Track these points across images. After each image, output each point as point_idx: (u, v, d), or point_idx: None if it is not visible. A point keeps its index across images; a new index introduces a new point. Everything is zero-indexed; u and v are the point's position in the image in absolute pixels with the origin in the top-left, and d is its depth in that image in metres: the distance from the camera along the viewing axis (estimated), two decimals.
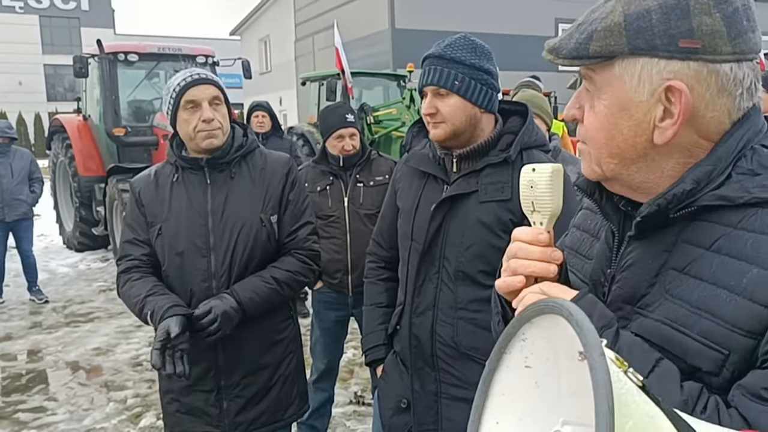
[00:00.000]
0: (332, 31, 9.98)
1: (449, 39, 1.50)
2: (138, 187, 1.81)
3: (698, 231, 0.72)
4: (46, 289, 6.21)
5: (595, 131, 0.76)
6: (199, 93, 1.70)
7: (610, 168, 0.77)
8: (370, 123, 9.57)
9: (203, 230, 1.73)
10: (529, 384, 0.57)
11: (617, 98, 0.73)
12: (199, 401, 1.78)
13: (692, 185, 0.71)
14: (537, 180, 0.80)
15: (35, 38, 33.65)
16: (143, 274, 1.75)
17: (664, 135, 0.72)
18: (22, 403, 3.78)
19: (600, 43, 0.72)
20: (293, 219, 1.83)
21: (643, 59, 0.70)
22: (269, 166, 1.82)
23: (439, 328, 1.53)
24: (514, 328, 0.58)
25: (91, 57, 7.18)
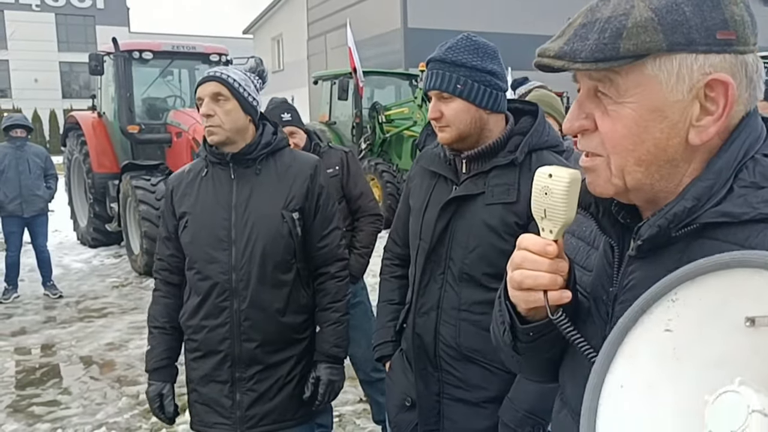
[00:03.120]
0: (344, 29, 10.00)
1: (451, 41, 1.49)
2: (171, 182, 1.89)
3: (704, 249, 0.66)
4: (60, 284, 6.29)
5: (620, 138, 0.69)
6: (203, 90, 1.76)
7: (636, 178, 0.70)
8: (381, 122, 9.59)
9: (225, 224, 1.77)
10: (666, 349, 0.52)
11: (649, 99, 0.67)
12: (214, 392, 1.82)
13: (693, 202, 0.67)
14: (552, 187, 0.74)
15: (51, 36, 34.05)
16: (165, 294, 1.91)
17: (704, 133, 0.67)
18: (37, 397, 3.83)
19: (633, 41, 0.65)
20: (323, 224, 1.87)
21: (681, 55, 0.65)
22: (296, 166, 1.85)
23: (442, 329, 1.53)
24: (665, 288, 0.53)
25: (106, 55, 7.26)
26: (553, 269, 0.74)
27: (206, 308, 1.79)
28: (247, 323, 1.77)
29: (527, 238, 0.77)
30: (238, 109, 1.77)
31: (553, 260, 0.75)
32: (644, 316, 0.54)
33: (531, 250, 0.76)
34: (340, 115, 10.53)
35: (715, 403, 0.47)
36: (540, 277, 0.74)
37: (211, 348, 1.80)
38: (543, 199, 0.75)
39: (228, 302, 1.77)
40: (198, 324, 1.81)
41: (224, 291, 1.77)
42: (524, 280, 0.75)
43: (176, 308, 1.88)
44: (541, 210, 0.76)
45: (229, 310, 1.77)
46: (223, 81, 1.75)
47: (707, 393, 0.48)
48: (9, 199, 5.70)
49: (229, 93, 1.75)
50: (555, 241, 0.76)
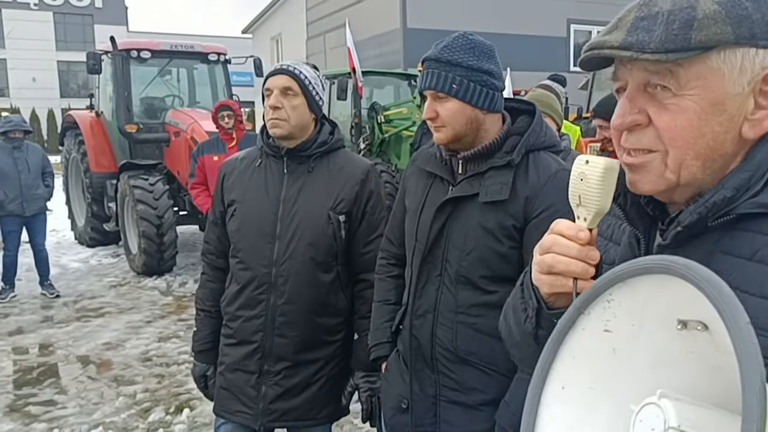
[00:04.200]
0: (344, 29, 9.99)
1: (447, 39, 1.47)
2: (225, 169, 1.92)
3: (737, 240, 0.67)
4: (58, 283, 6.27)
5: (681, 130, 0.69)
6: (274, 82, 1.78)
7: (692, 172, 0.70)
8: (380, 122, 9.57)
9: (272, 218, 1.79)
10: (606, 349, 0.52)
11: (711, 92, 0.68)
12: (240, 380, 1.83)
13: (732, 192, 0.68)
14: (588, 173, 0.74)
15: (49, 35, 33.98)
16: (211, 278, 1.96)
17: (759, 127, 0.68)
18: (33, 396, 3.82)
19: (705, 32, 0.66)
20: (369, 230, 1.88)
21: (743, 49, 0.67)
22: (348, 168, 1.86)
23: (439, 332, 1.51)
24: (600, 288, 0.53)
25: (104, 54, 7.25)
26: (583, 256, 0.73)
27: (243, 298, 1.81)
28: (281, 318, 1.79)
29: (561, 222, 0.76)
30: (305, 105, 1.80)
31: (584, 246, 0.74)
32: (582, 317, 0.55)
33: (564, 234, 0.75)
34: (339, 115, 10.51)
35: (640, 413, 0.47)
36: (572, 264, 0.73)
37: (244, 338, 1.82)
38: (578, 185, 0.75)
39: (265, 295, 1.79)
40: (234, 312, 1.84)
41: (263, 284, 1.79)
42: (556, 264, 0.74)
43: (221, 292, 1.91)
44: (576, 196, 0.75)
45: (265, 303, 1.79)
46: (295, 76, 1.77)
47: (634, 402, 0.48)
48: (10, 199, 5.69)
49: (299, 89, 1.78)
50: (590, 229, 0.75)
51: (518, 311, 0.88)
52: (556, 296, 0.78)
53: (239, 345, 1.84)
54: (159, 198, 6.40)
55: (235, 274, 1.84)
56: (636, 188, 0.75)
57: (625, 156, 0.74)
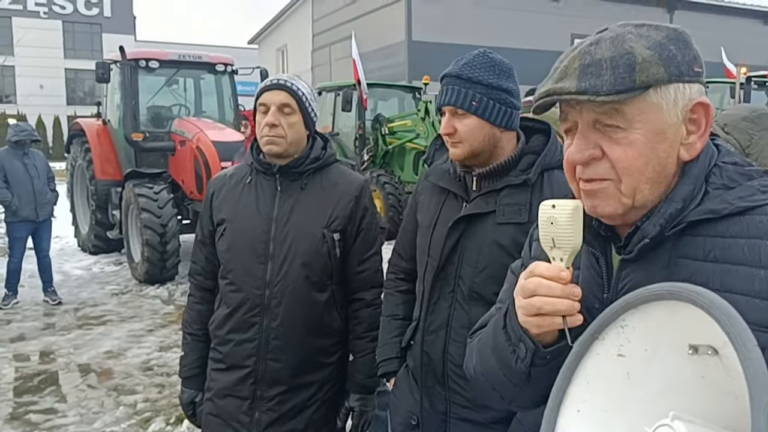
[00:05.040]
0: (349, 41, 10.06)
1: (468, 57, 1.48)
2: (213, 186, 1.85)
3: (689, 246, 0.77)
4: (60, 290, 6.27)
5: (632, 160, 0.78)
6: (270, 98, 1.71)
7: (644, 195, 0.79)
8: (384, 134, 9.61)
9: (264, 237, 1.72)
10: (620, 374, 0.54)
11: (653, 124, 0.78)
12: (231, 406, 1.76)
13: (682, 203, 0.78)
14: (558, 217, 0.79)
15: (58, 43, 34.28)
16: (198, 300, 1.89)
17: (693, 148, 0.80)
18: (34, 404, 3.80)
19: (646, 73, 0.76)
20: (364, 248, 1.82)
21: (675, 85, 0.78)
22: (342, 184, 1.80)
23: (451, 348, 1.50)
24: (614, 314, 0.55)
25: (113, 63, 7.31)
26: (567, 293, 0.78)
27: (234, 321, 1.74)
28: (276, 342, 1.72)
29: (540, 265, 0.81)
30: (302, 123, 1.74)
31: (567, 286, 0.79)
32: (597, 342, 0.57)
33: (545, 276, 0.79)
34: (343, 127, 10.57)
35: None
36: (558, 303, 0.78)
37: (235, 362, 1.75)
38: (550, 228, 0.80)
39: (258, 318, 1.72)
40: (224, 336, 1.77)
41: (255, 306, 1.72)
42: (544, 306, 0.79)
43: (209, 314, 1.85)
44: (549, 239, 0.80)
45: (258, 326, 1.72)
46: (293, 93, 1.71)
47: (647, 425, 0.50)
48: (24, 204, 5.71)
49: (297, 106, 1.72)
50: (567, 268, 0.81)
51: (505, 353, 0.91)
52: (542, 335, 0.83)
53: (230, 370, 1.76)
54: (163, 206, 6.41)
55: (225, 296, 1.77)
56: (596, 212, 0.83)
57: (583, 183, 0.83)
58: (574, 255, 0.80)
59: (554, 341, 0.81)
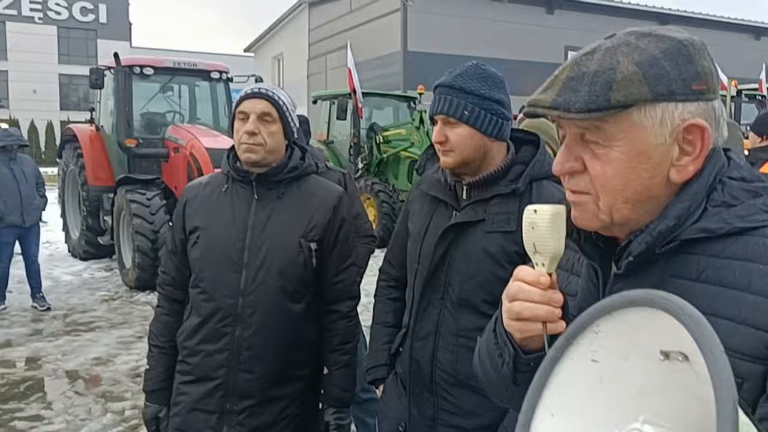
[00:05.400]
0: (345, 51, 10.13)
1: (461, 68, 1.51)
2: (187, 194, 1.82)
3: (683, 264, 0.74)
4: (49, 296, 6.21)
5: (609, 179, 0.76)
6: (250, 106, 1.70)
7: (623, 214, 0.77)
8: (379, 142, 9.66)
9: (239, 245, 1.70)
10: (593, 379, 0.55)
11: (635, 143, 0.74)
12: (198, 421, 1.71)
13: (674, 221, 0.74)
14: (538, 221, 0.79)
15: (52, 48, 34.23)
16: (166, 311, 1.84)
17: (684, 172, 0.75)
18: (20, 411, 3.76)
19: (623, 92, 0.72)
20: (341, 259, 1.81)
21: (663, 104, 0.73)
22: (320, 194, 1.79)
23: (440, 355, 1.51)
24: (589, 319, 0.55)
25: (107, 69, 7.31)
26: (546, 300, 0.78)
27: (205, 331, 1.70)
28: (248, 353, 1.68)
29: (522, 269, 0.81)
30: (281, 132, 1.72)
31: (546, 291, 0.78)
32: (572, 347, 0.57)
33: (526, 281, 0.79)
34: (338, 135, 10.61)
35: None
36: (538, 309, 0.77)
37: (204, 374, 1.70)
38: (531, 233, 0.80)
39: (230, 328, 1.68)
40: (194, 347, 1.72)
41: (228, 315, 1.68)
42: (523, 311, 0.79)
43: (177, 326, 1.80)
44: (531, 244, 0.80)
45: (230, 336, 1.68)
46: (274, 102, 1.70)
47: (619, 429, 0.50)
48: (10, 210, 5.67)
49: (277, 115, 1.71)
50: (549, 274, 0.79)
51: (494, 357, 0.91)
52: (528, 340, 0.82)
53: (198, 382, 1.71)
54: (155, 213, 6.38)
55: (195, 305, 1.72)
56: (578, 223, 0.81)
57: (568, 193, 0.82)
58: (556, 260, 0.79)
59: (540, 348, 0.81)
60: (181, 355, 1.77)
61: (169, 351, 1.80)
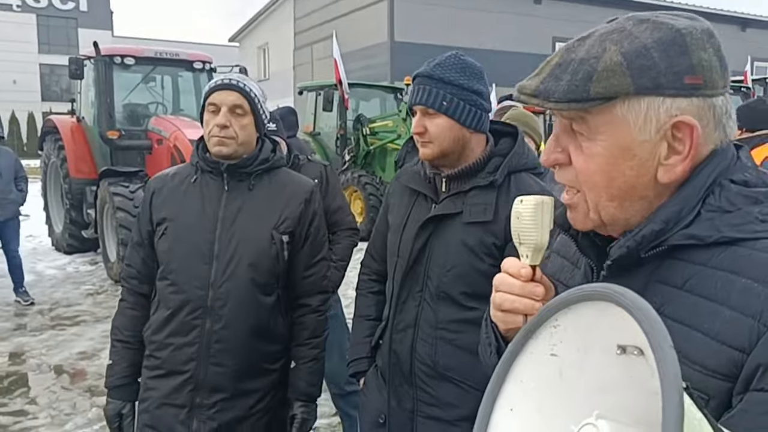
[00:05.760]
0: (331, 41, 10.04)
1: (440, 58, 1.50)
2: (154, 185, 1.78)
3: (671, 270, 0.70)
4: (33, 290, 6.14)
5: (591, 174, 0.72)
6: (221, 98, 1.67)
7: (610, 213, 0.73)
8: (365, 134, 9.62)
9: (210, 237, 1.68)
10: (553, 373, 0.55)
11: (618, 138, 0.70)
12: (167, 416, 1.67)
13: (661, 225, 0.70)
14: (522, 212, 0.78)
15: (32, 37, 33.57)
16: (131, 305, 1.80)
17: (672, 172, 0.70)
18: (3, 407, 3.73)
19: (603, 84, 0.68)
20: (313, 252, 1.80)
21: (649, 98, 0.68)
22: (291, 187, 1.78)
23: (419, 347, 1.52)
24: (547, 313, 0.55)
25: (87, 59, 7.18)
26: (526, 292, 0.76)
27: (175, 324, 1.67)
28: (218, 345, 1.66)
29: (507, 260, 0.80)
30: (253, 124, 1.71)
31: (527, 284, 0.76)
32: (531, 341, 0.57)
33: (508, 272, 0.78)
34: (325, 127, 10.55)
35: None
36: (516, 302, 0.76)
37: (174, 368, 1.67)
38: (516, 224, 0.79)
39: (200, 320, 1.66)
40: (163, 340, 1.69)
41: (197, 308, 1.65)
42: (503, 302, 0.78)
43: (143, 321, 1.76)
44: (516, 235, 0.79)
45: (200, 329, 1.66)
46: (246, 94, 1.68)
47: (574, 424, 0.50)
48: None
49: (249, 107, 1.68)
50: (534, 266, 0.77)
51: (485, 346, 0.92)
52: (512, 331, 0.80)
53: (167, 376, 1.67)
54: (139, 206, 6.29)
55: (164, 298, 1.69)
56: (574, 225, 0.79)
57: (563, 194, 0.78)
58: (540, 252, 0.78)
59: None
60: (149, 350, 1.73)
61: (134, 345, 1.76)
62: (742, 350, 0.62)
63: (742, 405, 0.60)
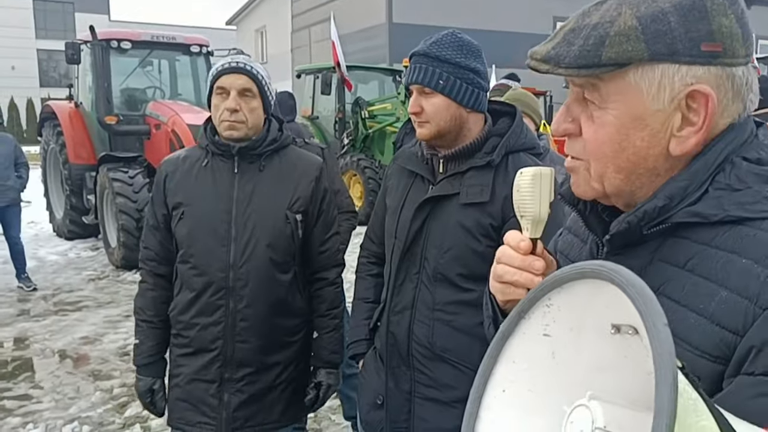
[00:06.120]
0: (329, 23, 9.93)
1: (436, 36, 1.48)
2: (165, 168, 1.80)
3: (674, 248, 0.68)
4: (35, 276, 6.17)
5: (601, 144, 0.70)
6: (230, 81, 1.68)
7: (615, 184, 0.71)
8: (364, 117, 9.56)
9: (226, 218, 1.72)
10: (545, 354, 0.53)
11: (630, 107, 0.67)
12: (199, 390, 1.76)
13: (665, 201, 0.68)
14: (521, 183, 0.76)
15: (28, 22, 33.25)
16: (152, 286, 1.84)
17: (684, 144, 0.67)
18: (8, 391, 3.76)
19: (616, 49, 0.65)
20: (325, 228, 1.86)
21: (663, 65, 0.65)
22: (301, 165, 1.81)
23: (416, 328, 1.53)
24: (540, 292, 0.54)
25: (83, 43, 7.11)
26: (526, 266, 0.74)
27: (199, 305, 1.73)
28: (243, 324, 1.73)
29: (510, 232, 0.78)
30: (261, 107, 1.75)
31: (526, 257, 0.75)
32: (523, 321, 0.56)
33: (509, 245, 0.77)
34: (323, 110, 10.48)
35: (571, 415, 0.49)
36: (516, 275, 0.75)
37: (202, 346, 1.75)
38: (516, 196, 0.77)
39: (223, 301, 1.72)
40: (189, 321, 1.76)
41: (220, 289, 1.72)
42: (504, 274, 0.77)
43: (164, 300, 1.82)
44: (517, 207, 0.78)
45: (224, 309, 1.72)
46: (253, 77, 1.70)
47: (567, 405, 0.49)
48: None
49: (257, 90, 1.71)
50: (535, 239, 0.76)
51: (485, 317, 0.92)
52: (511, 303, 0.79)
53: (196, 354, 1.75)
54: (138, 191, 6.31)
55: (187, 280, 1.75)
56: (574, 190, 0.76)
57: (567, 158, 0.76)
58: (539, 225, 0.76)
59: None
60: (176, 329, 1.80)
61: (157, 325, 1.83)
62: (736, 332, 0.60)
63: (731, 387, 0.59)
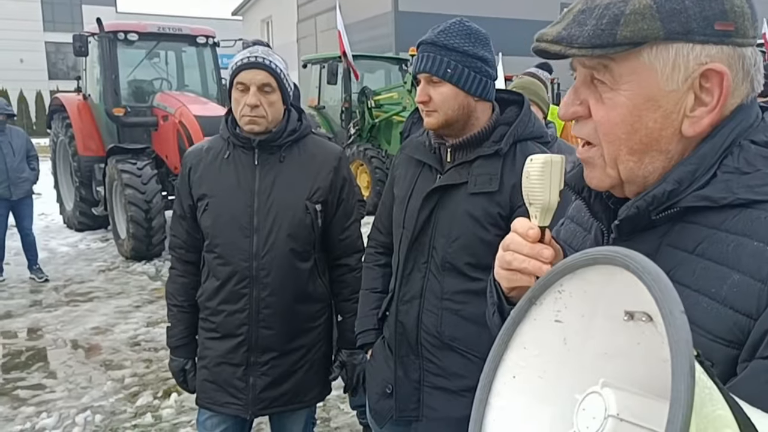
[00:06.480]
0: (334, 12, 9.88)
1: (444, 24, 1.47)
2: (190, 160, 1.86)
3: (683, 233, 0.67)
4: (46, 268, 6.24)
5: (613, 126, 0.69)
6: (249, 77, 1.71)
7: (629, 167, 0.70)
8: (370, 107, 9.52)
9: (248, 210, 1.77)
10: (556, 340, 0.53)
11: (643, 88, 0.66)
12: (226, 373, 1.83)
13: (674, 186, 0.67)
14: (531, 170, 0.75)
15: (36, 15, 33.34)
16: (181, 273, 1.92)
17: (698, 125, 0.67)
18: (22, 380, 3.82)
19: (631, 27, 0.64)
20: (346, 216, 1.90)
21: (677, 44, 0.65)
22: (320, 155, 1.85)
23: (425, 317, 1.53)
24: (552, 278, 0.53)
25: (90, 36, 7.13)
26: (534, 253, 0.74)
27: (225, 293, 1.81)
28: (266, 311, 1.80)
29: (519, 220, 0.77)
30: (281, 100, 1.78)
31: (535, 245, 0.74)
32: (534, 307, 0.55)
33: (517, 232, 0.76)
34: (329, 100, 10.45)
35: (583, 402, 0.48)
36: (525, 262, 0.74)
37: (228, 331, 1.82)
38: (526, 183, 0.77)
39: (248, 289, 1.79)
40: (216, 307, 1.83)
41: (245, 278, 1.78)
42: (512, 261, 0.76)
43: (193, 286, 1.90)
44: (526, 195, 0.77)
45: (248, 297, 1.79)
46: (272, 71, 1.72)
47: (578, 392, 0.48)
48: None
49: (276, 84, 1.74)
50: (544, 227, 0.75)
51: (489, 305, 0.91)
52: (517, 291, 0.79)
53: (223, 339, 1.83)
54: (147, 182, 6.35)
55: (213, 269, 1.82)
56: (589, 183, 0.76)
57: (578, 151, 0.75)
58: (549, 213, 0.75)
59: None
60: (204, 314, 1.88)
61: (187, 309, 1.91)
62: (749, 315, 0.59)
63: (747, 372, 0.58)
